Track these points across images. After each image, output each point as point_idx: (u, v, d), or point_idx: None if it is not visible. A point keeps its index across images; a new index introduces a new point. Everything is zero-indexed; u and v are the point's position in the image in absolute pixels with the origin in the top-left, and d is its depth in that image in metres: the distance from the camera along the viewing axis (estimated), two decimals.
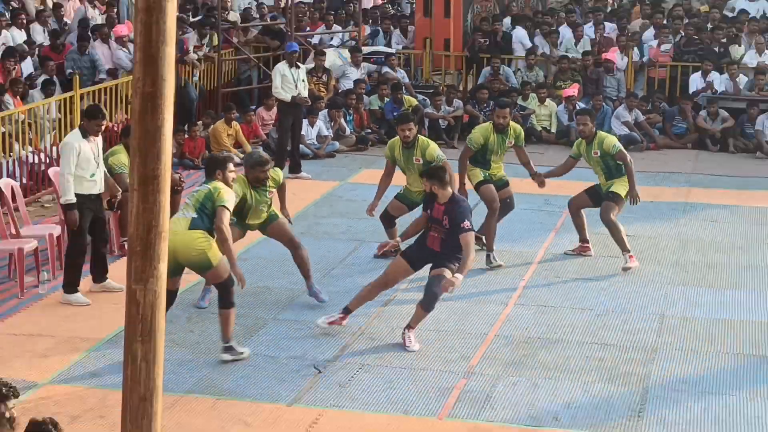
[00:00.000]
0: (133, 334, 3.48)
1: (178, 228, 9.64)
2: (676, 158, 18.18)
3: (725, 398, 9.26)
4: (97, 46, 18.42)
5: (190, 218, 9.76)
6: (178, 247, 9.55)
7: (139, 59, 3.33)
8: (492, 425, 8.72)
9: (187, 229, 9.71)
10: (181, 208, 10.11)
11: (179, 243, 9.56)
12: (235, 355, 9.94)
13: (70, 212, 11.16)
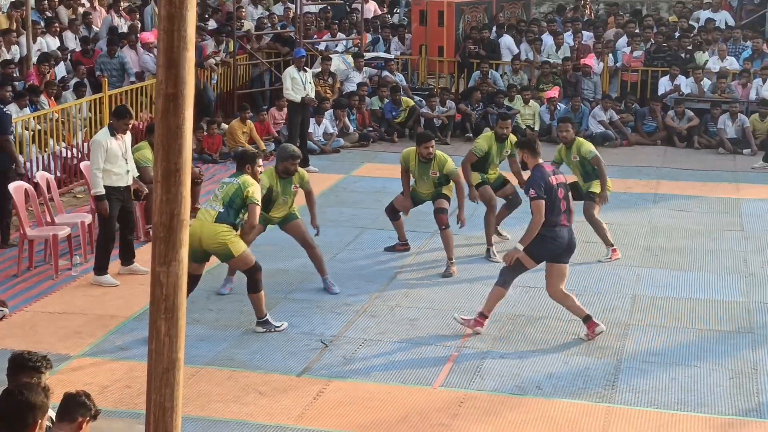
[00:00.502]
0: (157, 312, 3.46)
1: (205, 219, 9.65)
2: (646, 154, 18.14)
3: (690, 369, 9.25)
4: (126, 52, 18.37)
5: (217, 212, 9.68)
6: (204, 237, 9.60)
7: (161, 63, 3.31)
8: (481, 394, 8.71)
9: (213, 221, 9.65)
10: (210, 198, 10.02)
11: (204, 233, 9.61)
12: (269, 328, 9.99)
13: (100, 203, 11.14)
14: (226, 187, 9.81)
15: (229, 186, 9.82)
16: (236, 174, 10.00)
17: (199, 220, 9.70)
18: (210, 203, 9.85)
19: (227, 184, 9.87)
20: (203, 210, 9.71)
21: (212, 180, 15.83)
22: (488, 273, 11.69)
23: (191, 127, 3.33)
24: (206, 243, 9.65)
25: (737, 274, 11.78)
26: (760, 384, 8.93)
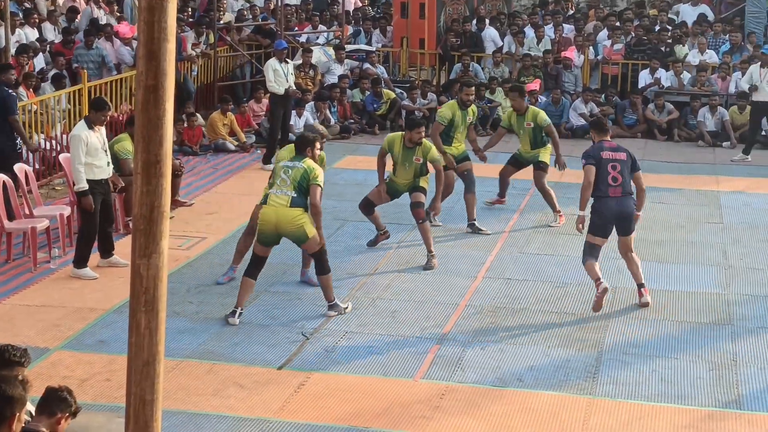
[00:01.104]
0: (137, 305, 3.44)
1: (280, 203, 9.86)
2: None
3: (670, 360, 9.28)
4: (102, 44, 18.26)
5: (290, 197, 9.88)
6: (280, 222, 9.86)
7: (142, 54, 3.28)
8: (462, 386, 8.71)
9: (288, 206, 9.84)
10: (277, 184, 10.00)
11: (282, 217, 9.86)
12: (338, 311, 10.18)
13: (84, 198, 11.09)
14: (292, 172, 9.95)
15: (295, 170, 9.96)
16: (298, 157, 10.10)
17: (272, 206, 9.88)
18: (278, 189, 9.94)
19: (292, 169, 9.97)
20: (273, 195, 9.90)
21: (193, 172, 15.79)
22: (468, 265, 11.71)
23: (172, 119, 3.31)
24: (283, 227, 9.89)
25: (717, 266, 11.83)
26: (740, 376, 8.96)
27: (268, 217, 9.88)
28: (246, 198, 14.44)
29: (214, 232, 12.82)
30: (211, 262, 11.75)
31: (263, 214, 9.96)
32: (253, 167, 16.35)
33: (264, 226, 9.96)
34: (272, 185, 10.06)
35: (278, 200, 9.88)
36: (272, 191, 9.96)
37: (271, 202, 9.92)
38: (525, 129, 13.25)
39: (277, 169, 10.16)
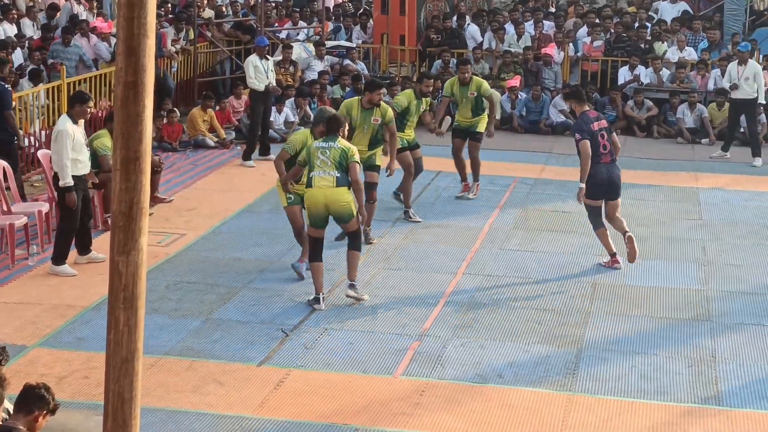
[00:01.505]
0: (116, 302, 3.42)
1: (327, 185, 10.10)
2: None
3: (650, 357, 9.30)
4: (78, 40, 18.16)
5: (335, 177, 10.12)
6: (330, 202, 10.13)
7: (121, 51, 3.27)
8: (442, 382, 8.71)
9: (334, 186, 10.09)
10: (316, 165, 10.17)
11: (330, 198, 10.12)
12: (356, 293, 10.42)
13: (69, 194, 11.03)
14: (330, 153, 10.17)
15: (333, 151, 10.18)
16: (331, 138, 10.30)
17: (319, 188, 10.10)
18: (320, 170, 10.13)
19: (329, 149, 10.19)
20: (317, 177, 10.10)
21: (172, 169, 15.74)
22: (448, 261, 11.71)
23: (151, 115, 3.29)
24: (333, 207, 10.17)
25: (695, 263, 11.87)
26: (719, 372, 9.00)
27: (316, 199, 10.13)
28: (226, 194, 14.43)
29: (194, 229, 12.79)
30: (190, 258, 11.71)
31: (311, 197, 10.17)
32: (233, 164, 16.31)
33: (314, 209, 10.19)
34: (312, 168, 10.20)
35: (324, 181, 10.12)
36: (315, 174, 10.15)
37: (316, 185, 10.13)
38: (468, 98, 13.91)
39: (312, 152, 10.27)
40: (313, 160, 10.21)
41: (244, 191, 14.63)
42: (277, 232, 12.67)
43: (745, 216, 13.80)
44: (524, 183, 15.08)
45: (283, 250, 11.99)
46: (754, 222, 13.52)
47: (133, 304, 3.39)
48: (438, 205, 13.87)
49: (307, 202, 10.28)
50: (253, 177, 15.45)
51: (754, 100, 16.75)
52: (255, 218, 13.33)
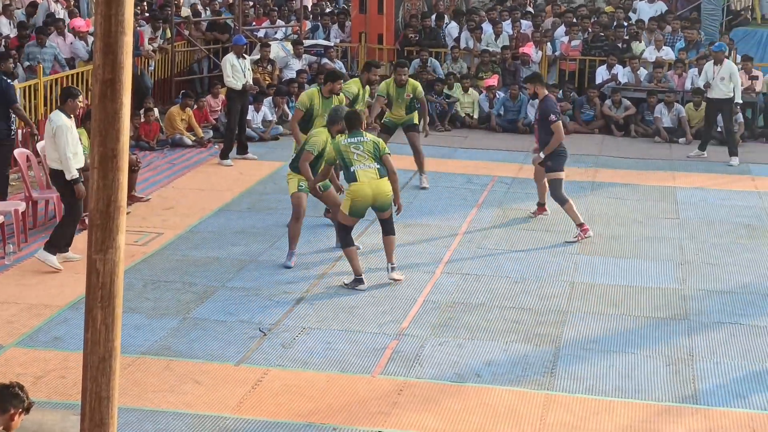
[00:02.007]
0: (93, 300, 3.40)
1: (372, 176, 10.57)
2: (584, 142, 18.26)
3: (627, 355, 9.33)
4: (53, 38, 18.05)
5: (376, 168, 10.61)
6: (377, 194, 10.60)
7: (99, 48, 3.25)
8: (420, 381, 8.71)
9: (378, 178, 10.57)
10: (354, 160, 10.59)
11: (377, 190, 10.59)
12: (398, 275, 10.95)
13: (77, 186, 11.15)
14: (363, 147, 10.66)
15: (365, 144, 10.67)
16: (357, 133, 10.77)
17: (366, 184, 10.54)
18: (361, 164, 10.59)
19: (362, 143, 10.67)
20: (361, 171, 10.54)
21: (149, 167, 15.69)
22: (427, 260, 11.72)
23: (129, 113, 3.27)
24: (380, 199, 10.66)
25: (673, 262, 11.92)
26: (696, 371, 9.04)
27: (364, 193, 10.55)
28: (203, 193, 14.40)
29: (171, 228, 12.75)
30: (167, 257, 11.67)
31: (359, 190, 10.57)
32: (210, 162, 16.27)
33: (361, 202, 10.63)
34: (350, 163, 10.58)
35: (369, 174, 10.57)
36: (357, 168, 10.55)
37: (362, 179, 10.55)
38: (404, 99, 14.43)
39: (343, 149, 10.67)
40: (348, 157, 10.61)
41: (222, 190, 14.60)
42: (254, 231, 12.66)
43: (722, 215, 13.87)
44: (502, 182, 15.10)
45: (261, 249, 11.98)
46: (730, 221, 13.59)
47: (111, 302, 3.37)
48: (416, 205, 13.87)
49: (354, 195, 10.61)
50: (231, 176, 15.42)
51: (730, 100, 16.83)
52: (232, 217, 13.30)
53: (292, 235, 11.52)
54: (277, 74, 19.65)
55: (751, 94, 18.74)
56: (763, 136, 18.78)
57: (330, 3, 24.41)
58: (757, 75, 19.04)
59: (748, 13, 22.22)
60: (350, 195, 10.69)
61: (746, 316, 10.35)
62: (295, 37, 20.89)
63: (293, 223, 11.53)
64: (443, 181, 13.58)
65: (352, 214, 10.74)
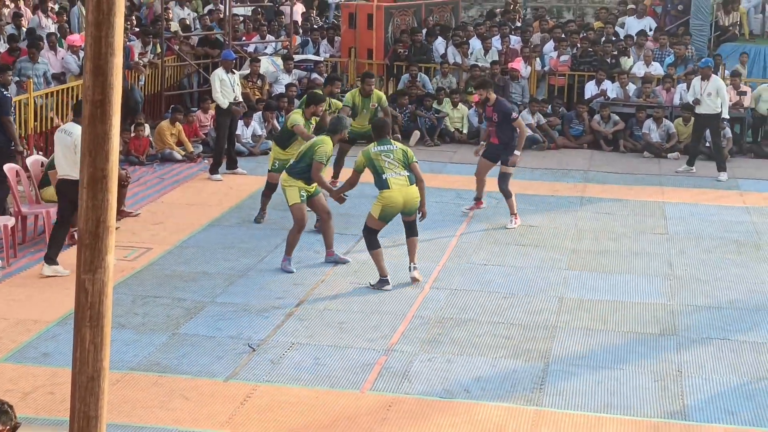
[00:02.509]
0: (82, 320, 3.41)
1: (402, 185, 11.07)
2: (573, 157, 18.33)
3: (616, 371, 9.35)
4: (45, 53, 18.05)
5: (406, 176, 11.12)
6: (407, 201, 11.10)
7: (89, 69, 3.26)
8: (410, 397, 8.72)
9: (409, 185, 11.08)
10: (385, 167, 11.07)
11: (407, 196, 11.10)
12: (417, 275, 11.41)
13: None
14: (393, 155, 11.16)
15: (395, 152, 11.20)
16: (385, 141, 11.29)
17: (397, 191, 11.03)
18: (392, 172, 11.08)
19: (392, 152, 11.19)
20: (393, 179, 11.03)
21: (139, 182, 15.68)
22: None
23: (118, 134, 3.28)
24: (409, 205, 11.17)
25: (661, 277, 11.95)
26: (684, 386, 9.06)
27: (395, 200, 11.06)
28: (193, 208, 14.39)
29: (160, 243, 12.75)
30: (156, 273, 11.67)
31: (391, 197, 11.05)
32: (200, 177, 16.27)
33: (391, 208, 11.10)
34: (382, 171, 11.04)
35: (399, 182, 11.06)
36: (388, 175, 11.02)
37: (394, 186, 11.03)
38: (369, 109, 14.61)
39: (373, 157, 11.13)
40: (379, 164, 11.07)
41: (212, 205, 14.60)
42: (244, 246, 12.66)
43: (711, 230, 13.91)
44: (491, 197, 15.10)
45: (251, 264, 11.98)
46: (719, 236, 13.63)
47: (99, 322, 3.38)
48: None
49: (386, 201, 11.08)
50: (221, 191, 15.42)
51: (717, 116, 16.90)
52: (222, 232, 13.30)
53: (291, 243, 11.81)
54: (267, 89, 19.68)
55: (739, 110, 18.84)
56: (751, 151, 18.85)
57: (320, 18, 24.44)
58: (745, 90, 19.13)
59: (736, 28, 22.32)
60: (381, 201, 11.12)
61: (735, 331, 10.38)
62: (285, 52, 20.93)
63: (295, 233, 11.78)
64: (432, 196, 13.59)
65: (381, 218, 11.18)
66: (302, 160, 11.56)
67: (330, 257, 12.07)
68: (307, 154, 11.50)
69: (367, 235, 11.33)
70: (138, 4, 22.81)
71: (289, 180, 11.67)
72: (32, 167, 13.00)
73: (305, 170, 11.50)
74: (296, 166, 11.62)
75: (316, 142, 11.58)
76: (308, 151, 11.52)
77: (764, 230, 13.94)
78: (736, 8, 22.33)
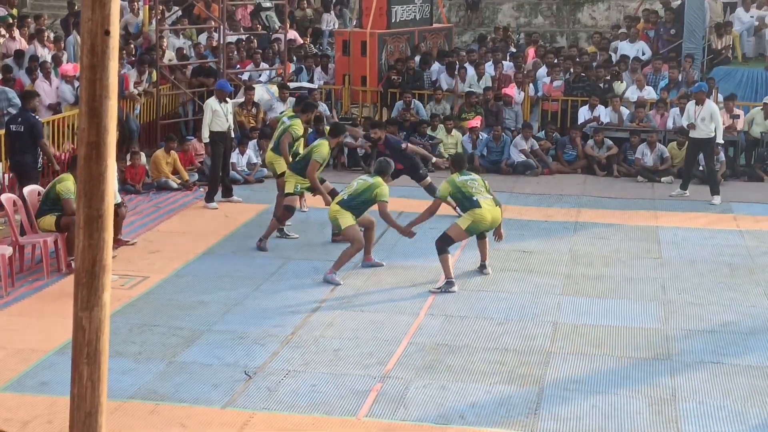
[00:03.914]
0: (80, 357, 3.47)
1: (491, 205, 12.40)
2: (567, 182, 18.42)
3: (611, 396, 9.40)
4: (40, 83, 18.11)
5: (492, 198, 12.50)
6: (494, 219, 12.43)
7: (84, 112, 3.34)
8: (405, 424, 8.76)
9: (495, 206, 12.45)
10: (474, 191, 12.37)
11: (495, 215, 12.44)
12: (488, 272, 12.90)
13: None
14: (477, 182, 12.54)
15: (479, 180, 12.61)
16: (466, 172, 12.67)
17: (487, 210, 12.30)
18: (481, 195, 12.38)
19: (475, 180, 12.55)
20: (483, 200, 12.32)
21: (135, 211, 15.74)
22: (410, 302, 11.78)
23: (114, 174, 3.36)
24: (494, 223, 12.51)
25: (655, 301, 12.01)
26: (678, 411, 9.10)
27: (484, 218, 12.33)
28: (189, 236, 14.45)
29: (157, 272, 12.80)
30: (153, 301, 11.72)
31: (482, 215, 12.31)
32: (196, 206, 16.34)
33: (481, 224, 12.37)
34: (471, 194, 12.35)
35: (488, 203, 12.36)
36: (479, 198, 12.35)
37: (485, 206, 12.31)
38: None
39: (460, 185, 12.46)
40: (467, 190, 12.38)
41: (207, 233, 14.65)
42: (240, 275, 12.72)
43: (705, 254, 13.98)
44: None
45: (247, 292, 12.04)
46: (713, 260, 13.70)
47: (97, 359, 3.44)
48: (399, 246, 13.96)
49: (477, 217, 12.29)
50: (216, 219, 15.48)
51: (711, 140, 17.00)
52: (218, 260, 13.36)
53: (343, 260, 12.56)
54: (262, 117, 19.76)
55: (733, 133, 18.94)
56: (744, 174, 18.95)
57: (314, 45, 24.56)
58: (739, 114, 19.24)
59: (728, 52, 22.47)
60: (472, 217, 12.30)
61: (728, 355, 10.43)
62: (280, 80, 21.02)
63: (352, 252, 12.56)
64: (427, 222, 13.63)
65: (468, 230, 12.40)
66: (358, 198, 12.57)
67: (368, 262, 13.13)
68: (367, 194, 12.58)
69: (443, 243, 12.34)
70: (134, 33, 22.90)
71: (341, 210, 12.57)
72: (29, 197, 13.06)
73: (357, 206, 12.57)
74: (351, 202, 12.57)
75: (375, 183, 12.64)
76: (368, 190, 12.60)
77: (758, 254, 14.01)
78: (728, 31, 22.45)
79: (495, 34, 24.62)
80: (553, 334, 10.90)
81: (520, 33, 26.66)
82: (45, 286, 12.21)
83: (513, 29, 26.52)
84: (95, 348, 3.44)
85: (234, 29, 23.01)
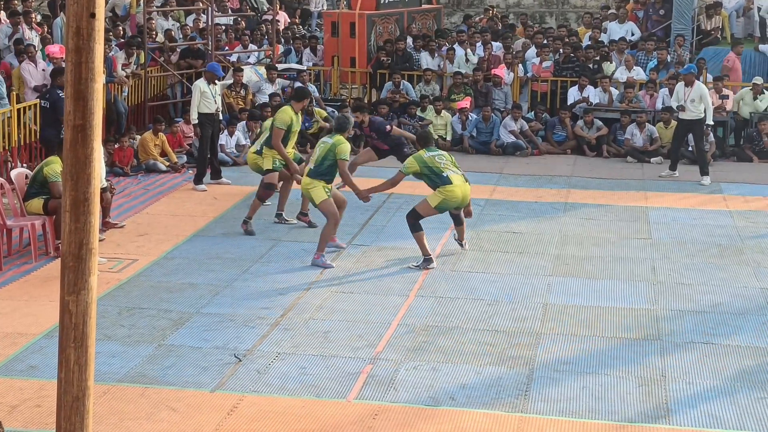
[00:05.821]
0: (67, 341, 3.45)
1: (462, 182, 12.28)
2: (556, 163, 18.42)
3: (601, 377, 9.41)
4: (25, 65, 18.00)
5: (462, 174, 12.41)
6: (465, 196, 12.32)
7: (69, 95, 3.31)
8: (395, 405, 8.76)
9: (465, 182, 12.36)
10: (443, 167, 12.20)
11: (466, 192, 12.33)
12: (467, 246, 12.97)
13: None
14: (445, 159, 12.35)
15: (446, 156, 12.45)
16: (434, 148, 12.46)
17: (458, 186, 12.18)
18: (450, 170, 12.23)
19: (443, 156, 12.39)
20: (453, 176, 12.19)
21: (123, 193, 15.70)
22: (400, 283, 11.79)
23: (100, 157, 3.34)
24: (465, 201, 12.38)
25: (645, 282, 12.02)
26: (669, 391, 9.12)
27: (455, 195, 12.20)
28: (177, 219, 14.42)
29: (146, 254, 12.77)
30: (142, 284, 11.70)
31: (453, 192, 12.16)
32: (185, 188, 16.30)
33: (452, 201, 12.24)
34: (441, 170, 12.14)
35: (459, 179, 12.23)
36: (449, 173, 12.17)
37: (455, 182, 12.17)
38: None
39: (428, 160, 12.22)
40: (435, 165, 12.18)
41: (196, 215, 14.63)
42: (229, 257, 12.70)
43: (694, 235, 14.00)
44: (475, 203, 15.15)
45: (236, 275, 12.02)
46: (702, 241, 13.72)
47: (84, 342, 3.43)
48: (389, 228, 13.95)
49: (447, 195, 12.16)
50: (205, 201, 15.45)
51: (701, 121, 17.00)
52: (207, 243, 13.33)
53: (325, 238, 12.46)
54: (251, 98, 19.72)
55: (722, 114, 18.95)
56: (733, 154, 18.97)
57: (303, 26, 24.48)
58: (728, 94, 19.26)
59: (718, 32, 22.45)
60: (443, 194, 12.16)
61: (718, 335, 10.45)
62: (269, 61, 20.96)
63: (330, 228, 12.51)
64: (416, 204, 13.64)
65: (437, 208, 12.28)
66: (323, 162, 12.29)
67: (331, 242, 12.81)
68: (330, 156, 12.29)
69: (413, 219, 12.29)
70: (122, 15, 22.79)
71: (312, 182, 12.33)
72: (17, 180, 13.01)
73: (327, 171, 12.32)
74: (318, 169, 12.33)
75: (335, 143, 12.35)
76: (330, 152, 12.31)
77: (747, 234, 14.04)
78: (718, 12, 22.44)
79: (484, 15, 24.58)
80: (543, 316, 10.91)
81: (509, 14, 26.61)
82: (33, 270, 12.17)
83: (502, 9, 26.47)
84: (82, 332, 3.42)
85: (222, 11, 22.92)
